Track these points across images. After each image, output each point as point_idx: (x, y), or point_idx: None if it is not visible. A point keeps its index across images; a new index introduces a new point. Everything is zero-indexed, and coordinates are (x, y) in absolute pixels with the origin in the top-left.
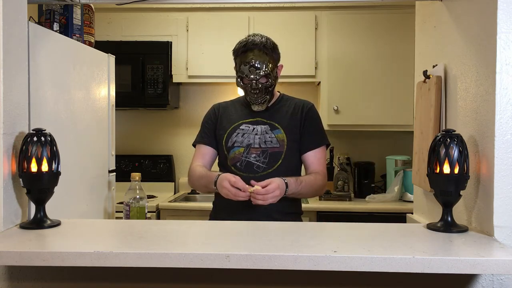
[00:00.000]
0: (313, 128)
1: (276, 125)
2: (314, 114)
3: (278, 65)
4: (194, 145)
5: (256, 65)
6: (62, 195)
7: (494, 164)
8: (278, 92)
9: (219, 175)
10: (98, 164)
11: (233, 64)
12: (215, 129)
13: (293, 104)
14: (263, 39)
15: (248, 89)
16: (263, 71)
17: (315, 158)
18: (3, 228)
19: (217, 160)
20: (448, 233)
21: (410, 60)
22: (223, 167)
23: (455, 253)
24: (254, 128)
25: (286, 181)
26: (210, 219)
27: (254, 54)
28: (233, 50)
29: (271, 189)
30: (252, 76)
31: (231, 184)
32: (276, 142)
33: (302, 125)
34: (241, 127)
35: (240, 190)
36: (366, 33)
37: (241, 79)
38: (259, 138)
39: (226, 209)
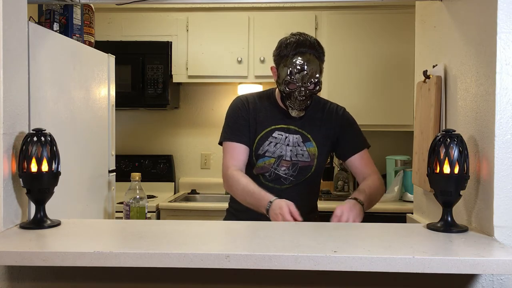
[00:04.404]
0: (352, 133)
1: (309, 136)
2: (349, 119)
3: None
4: (221, 143)
5: (309, 71)
6: (62, 195)
7: (494, 164)
8: None
9: (272, 200)
10: (98, 164)
11: (233, 64)
12: (249, 126)
13: (325, 110)
14: (312, 39)
15: (294, 95)
16: (315, 78)
17: (363, 160)
18: (3, 228)
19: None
20: (448, 233)
21: (410, 60)
22: (246, 173)
23: (455, 253)
24: (286, 137)
25: (362, 203)
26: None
27: (306, 58)
28: (278, 50)
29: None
30: (300, 84)
31: (291, 211)
32: (308, 156)
33: (337, 134)
34: (273, 135)
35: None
36: (366, 33)
37: (287, 84)
38: (290, 150)
39: (247, 213)
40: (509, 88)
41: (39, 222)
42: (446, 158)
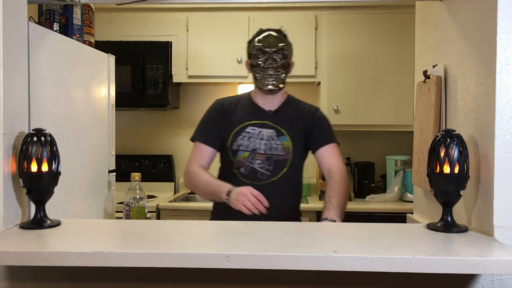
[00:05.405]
0: (321, 128)
1: (283, 131)
2: (320, 116)
3: (292, 60)
4: (192, 140)
5: (273, 40)
6: (62, 195)
7: (494, 164)
8: (285, 92)
9: (233, 187)
10: (98, 164)
11: (233, 64)
12: (219, 128)
13: (300, 109)
14: (277, 29)
15: (265, 65)
16: (282, 48)
17: (328, 153)
18: (3, 228)
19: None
20: (448, 233)
21: (410, 60)
22: (224, 171)
23: (455, 253)
24: (260, 132)
25: (335, 220)
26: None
27: (270, 34)
28: (248, 41)
29: None
30: (268, 50)
31: (253, 194)
32: (282, 150)
33: (308, 129)
34: (246, 130)
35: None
36: (366, 33)
37: (257, 56)
38: (264, 144)
39: (228, 213)
40: (509, 88)
41: (39, 222)
42: (446, 158)
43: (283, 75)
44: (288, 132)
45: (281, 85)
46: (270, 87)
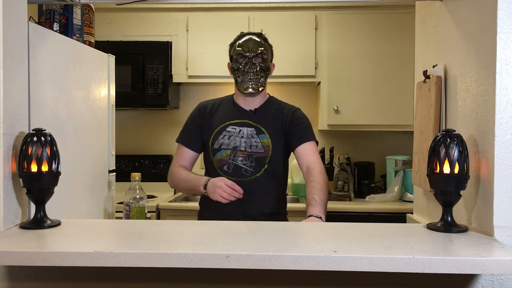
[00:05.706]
0: (300, 127)
1: (262, 129)
2: (299, 115)
3: (272, 62)
4: (177, 142)
5: (253, 44)
6: (62, 195)
7: (494, 164)
8: (268, 93)
9: (209, 179)
10: (98, 164)
11: None
12: (200, 130)
13: (281, 109)
14: (257, 32)
15: (245, 69)
16: (260, 48)
17: (306, 151)
18: (3, 228)
19: (200, 161)
20: (448, 233)
21: (410, 60)
22: (209, 170)
23: (455, 253)
24: (240, 130)
25: (320, 217)
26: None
27: (250, 38)
28: (230, 44)
29: None
30: (248, 54)
31: (227, 185)
32: (261, 147)
33: (287, 128)
34: (227, 129)
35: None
36: (366, 33)
37: (237, 59)
38: (245, 141)
39: (214, 210)
40: (509, 88)
41: (39, 222)
42: (446, 158)
43: (263, 78)
44: (267, 131)
45: (260, 88)
46: (250, 90)
